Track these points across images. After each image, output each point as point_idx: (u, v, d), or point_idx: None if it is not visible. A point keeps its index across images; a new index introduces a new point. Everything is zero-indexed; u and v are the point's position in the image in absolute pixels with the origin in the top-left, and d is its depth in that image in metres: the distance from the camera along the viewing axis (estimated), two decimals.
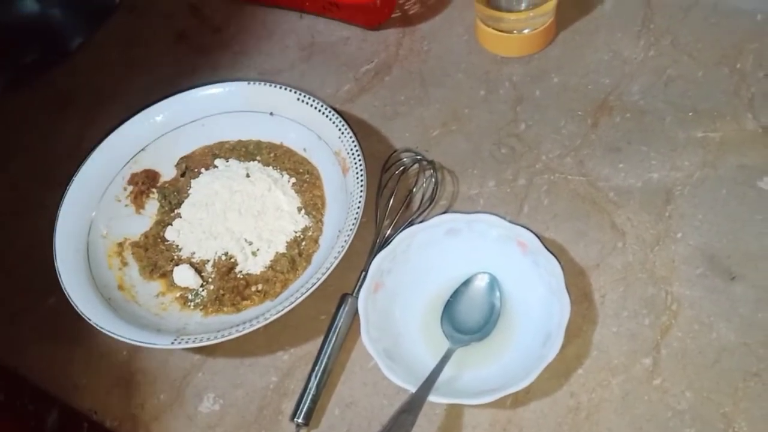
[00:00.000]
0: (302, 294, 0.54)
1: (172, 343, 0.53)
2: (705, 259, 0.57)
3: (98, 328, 0.55)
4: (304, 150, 0.66)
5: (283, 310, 0.53)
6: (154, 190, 0.67)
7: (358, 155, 0.60)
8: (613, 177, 0.63)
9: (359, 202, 0.57)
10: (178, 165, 0.68)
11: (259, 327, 0.54)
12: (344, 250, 0.56)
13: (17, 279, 0.67)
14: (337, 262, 0.55)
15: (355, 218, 0.57)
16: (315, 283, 0.54)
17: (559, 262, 0.55)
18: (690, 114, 0.65)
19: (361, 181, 0.59)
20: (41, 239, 0.64)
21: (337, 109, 0.66)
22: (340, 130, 0.62)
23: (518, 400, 0.53)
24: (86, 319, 0.56)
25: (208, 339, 0.53)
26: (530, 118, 0.68)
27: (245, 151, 0.68)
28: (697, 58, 0.69)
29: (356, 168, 0.60)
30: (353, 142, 0.61)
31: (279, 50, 0.78)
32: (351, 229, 0.56)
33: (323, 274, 0.54)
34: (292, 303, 0.53)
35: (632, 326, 0.55)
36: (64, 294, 0.58)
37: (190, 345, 0.53)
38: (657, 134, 0.64)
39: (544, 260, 0.55)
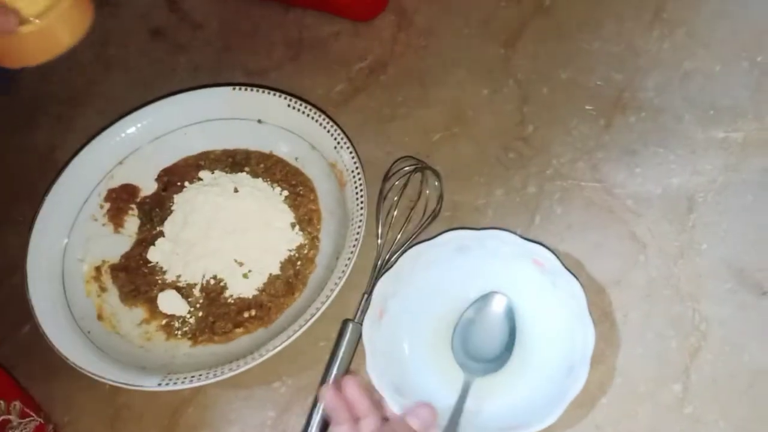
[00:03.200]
0: (300, 327, 0.49)
1: (159, 384, 0.49)
2: (733, 272, 0.53)
3: (78, 368, 0.50)
4: (296, 160, 0.61)
5: (280, 344, 0.49)
6: (134, 206, 0.62)
7: (358, 171, 0.55)
8: (630, 183, 0.58)
9: (359, 221, 0.53)
10: (159, 178, 0.63)
11: (255, 364, 0.49)
12: (346, 275, 0.51)
13: None
14: (338, 288, 0.50)
15: (355, 239, 0.52)
16: (315, 314, 0.49)
17: (580, 283, 0.50)
18: (710, 112, 0.61)
19: (361, 198, 0.54)
20: (13, 261, 0.59)
21: (330, 115, 0.61)
22: (336, 140, 0.58)
23: None
24: (64, 359, 0.51)
25: (199, 379, 0.49)
26: (538, 118, 0.63)
27: (232, 161, 0.63)
28: (714, 50, 0.64)
29: (355, 183, 0.55)
30: (351, 154, 0.57)
31: (265, 47, 0.72)
32: (352, 251, 0.52)
33: (323, 303, 0.50)
34: (290, 336, 0.49)
35: (658, 349, 0.51)
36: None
37: (179, 387, 0.49)
38: (675, 135, 0.60)
39: (563, 281, 0.50)
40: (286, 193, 0.60)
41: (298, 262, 0.57)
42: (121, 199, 0.61)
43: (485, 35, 0.69)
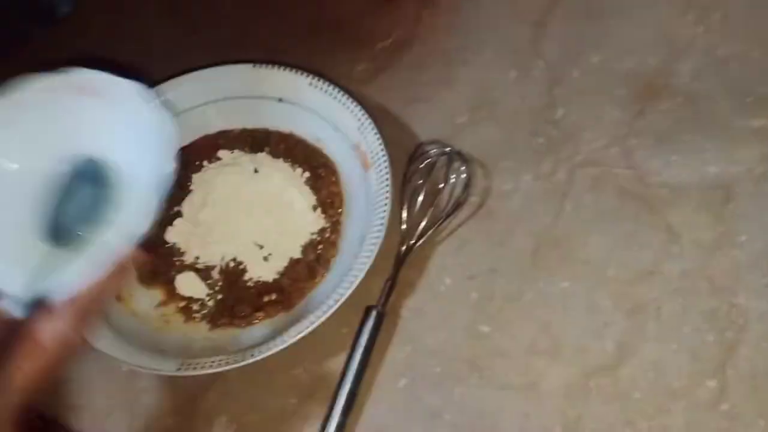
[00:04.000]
0: (324, 313, 0.48)
1: (179, 369, 0.47)
2: None
3: (95, 350, 0.49)
4: (318, 140, 0.59)
5: (304, 330, 0.47)
6: None
7: (383, 153, 0.53)
8: (665, 171, 0.56)
9: (384, 205, 0.51)
10: (176, 157, 0.61)
11: (277, 350, 0.48)
12: (370, 261, 0.49)
13: None
14: (362, 275, 0.49)
15: (380, 224, 0.50)
16: (339, 300, 0.48)
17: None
18: (748, 99, 0.58)
19: (386, 182, 0.52)
20: None
21: (353, 93, 0.59)
22: (360, 120, 0.56)
23: (569, 426, 0.48)
24: None
25: (219, 364, 0.47)
26: (569, 102, 0.61)
27: (252, 140, 0.61)
28: (751, 35, 0.62)
29: (380, 166, 0.53)
30: (376, 136, 0.54)
31: (285, 24, 0.70)
32: (377, 236, 0.50)
33: (346, 289, 0.48)
34: (313, 323, 0.47)
35: (694, 343, 0.50)
36: None
37: (199, 372, 0.47)
38: (711, 122, 0.58)
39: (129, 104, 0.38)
40: (307, 174, 0.58)
41: (320, 246, 0.55)
42: None
43: (513, 14, 0.67)
